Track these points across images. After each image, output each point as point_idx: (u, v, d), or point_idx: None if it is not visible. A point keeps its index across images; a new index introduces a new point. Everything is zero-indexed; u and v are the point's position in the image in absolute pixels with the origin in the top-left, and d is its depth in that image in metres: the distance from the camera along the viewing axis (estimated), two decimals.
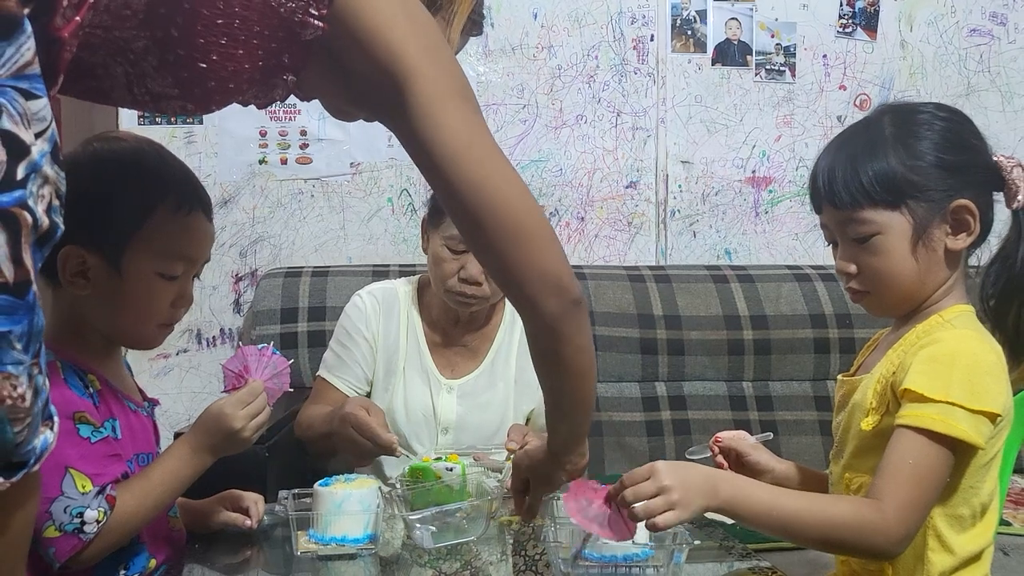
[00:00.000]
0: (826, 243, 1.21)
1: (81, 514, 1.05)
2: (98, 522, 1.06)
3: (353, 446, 1.57)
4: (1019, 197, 1.12)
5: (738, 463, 1.29)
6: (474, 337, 1.88)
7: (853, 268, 1.15)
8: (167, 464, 1.17)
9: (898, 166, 1.11)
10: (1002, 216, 1.15)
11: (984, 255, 1.18)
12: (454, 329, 1.86)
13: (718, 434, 1.31)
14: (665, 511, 0.97)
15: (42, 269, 1.16)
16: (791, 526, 1.03)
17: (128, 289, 1.14)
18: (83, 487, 1.07)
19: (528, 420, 1.89)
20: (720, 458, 1.30)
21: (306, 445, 1.83)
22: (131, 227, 1.13)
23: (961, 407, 1.02)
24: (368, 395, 1.86)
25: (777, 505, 1.03)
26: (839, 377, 1.24)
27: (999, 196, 1.15)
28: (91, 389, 1.14)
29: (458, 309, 1.80)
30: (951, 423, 1.02)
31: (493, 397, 1.84)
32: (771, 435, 1.34)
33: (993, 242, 1.17)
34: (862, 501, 1.04)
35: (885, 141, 1.13)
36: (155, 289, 1.16)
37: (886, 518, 1.01)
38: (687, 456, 1.33)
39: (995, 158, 1.14)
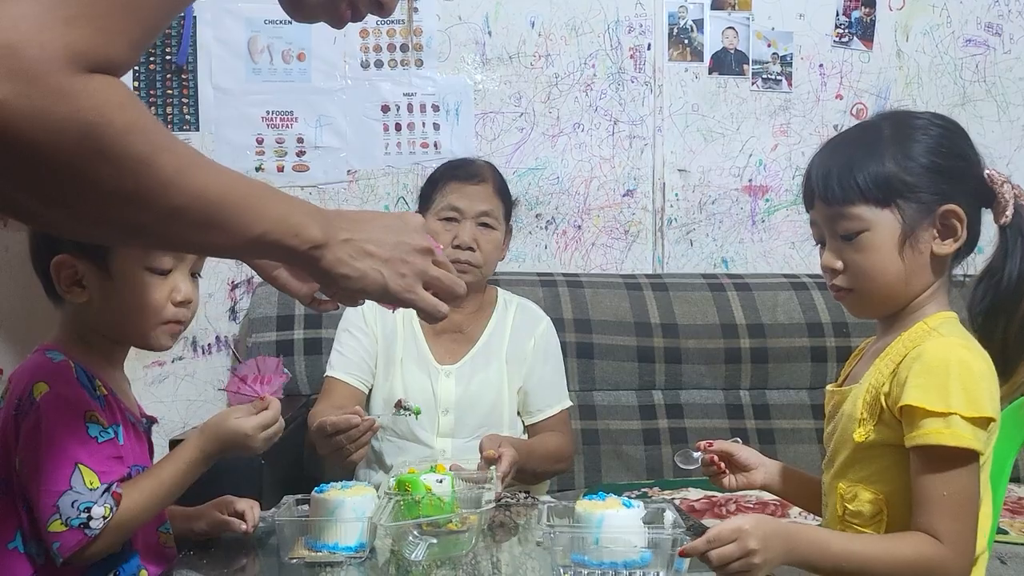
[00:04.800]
0: (815, 242, 1.22)
1: (88, 509, 1.06)
2: (104, 518, 1.07)
3: (337, 452, 1.57)
4: (1007, 212, 1.14)
5: (730, 463, 1.34)
6: (469, 321, 1.96)
7: (839, 264, 1.16)
8: (178, 466, 1.17)
9: (892, 166, 1.12)
10: (989, 234, 1.16)
11: (971, 270, 1.19)
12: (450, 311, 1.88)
13: (702, 442, 1.35)
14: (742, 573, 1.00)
15: (45, 285, 1.17)
16: (865, 573, 1.05)
17: (120, 289, 1.15)
18: (91, 483, 1.07)
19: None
20: (714, 456, 1.33)
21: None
22: None
23: (961, 416, 1.03)
24: (372, 386, 1.93)
25: (850, 553, 1.05)
26: (828, 388, 1.25)
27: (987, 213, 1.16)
28: (98, 392, 1.15)
29: None
30: (958, 433, 1.03)
31: (488, 376, 1.92)
32: (739, 440, 1.37)
33: (980, 263, 1.17)
34: (921, 540, 1.05)
35: (882, 143, 1.14)
36: (146, 285, 1.16)
37: (946, 554, 1.04)
38: (679, 464, 1.35)
39: (987, 172, 1.15)
